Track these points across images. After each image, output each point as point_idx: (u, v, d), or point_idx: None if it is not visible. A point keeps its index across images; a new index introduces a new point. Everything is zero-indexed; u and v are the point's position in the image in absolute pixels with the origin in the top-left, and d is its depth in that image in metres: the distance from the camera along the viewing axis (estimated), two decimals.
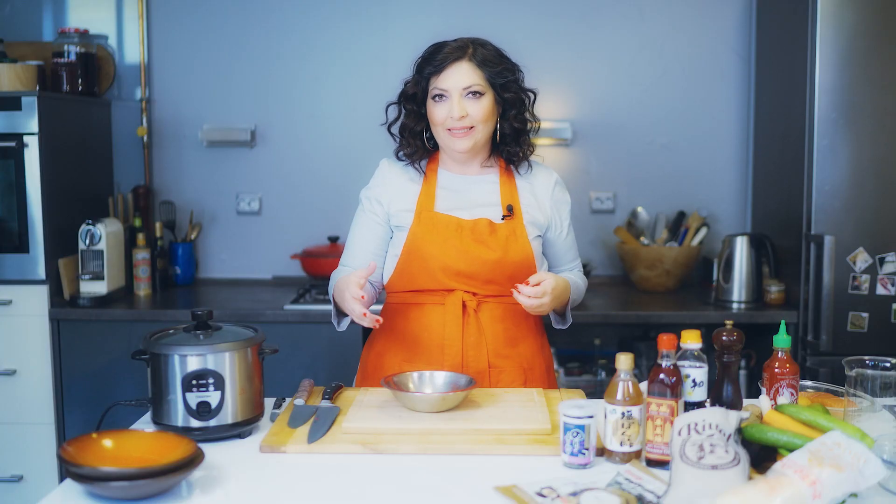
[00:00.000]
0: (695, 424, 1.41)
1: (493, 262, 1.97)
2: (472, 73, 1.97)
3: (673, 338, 1.54)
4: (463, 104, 1.97)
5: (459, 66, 1.97)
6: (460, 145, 2.00)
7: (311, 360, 3.04)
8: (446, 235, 1.99)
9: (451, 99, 1.97)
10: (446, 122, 1.98)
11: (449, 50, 1.99)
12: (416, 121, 2.06)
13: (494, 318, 2.01)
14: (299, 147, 3.63)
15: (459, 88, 1.97)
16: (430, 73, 2.00)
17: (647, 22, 3.56)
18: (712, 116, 3.60)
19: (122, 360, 3.03)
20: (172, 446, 1.47)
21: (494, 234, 1.99)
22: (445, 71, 1.98)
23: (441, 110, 1.99)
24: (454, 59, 1.97)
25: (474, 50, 1.99)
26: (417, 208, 2.03)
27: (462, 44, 2.00)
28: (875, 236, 2.88)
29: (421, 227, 2.00)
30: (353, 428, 1.66)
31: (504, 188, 2.06)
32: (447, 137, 2.00)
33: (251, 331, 1.74)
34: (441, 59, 1.98)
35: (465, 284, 1.99)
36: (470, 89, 1.97)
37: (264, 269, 3.68)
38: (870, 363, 1.70)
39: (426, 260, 1.98)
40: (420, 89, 2.03)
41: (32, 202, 3.04)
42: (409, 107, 2.07)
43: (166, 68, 3.61)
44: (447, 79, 1.97)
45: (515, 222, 2.02)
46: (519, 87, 2.04)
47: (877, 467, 1.33)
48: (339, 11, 3.58)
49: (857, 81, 2.86)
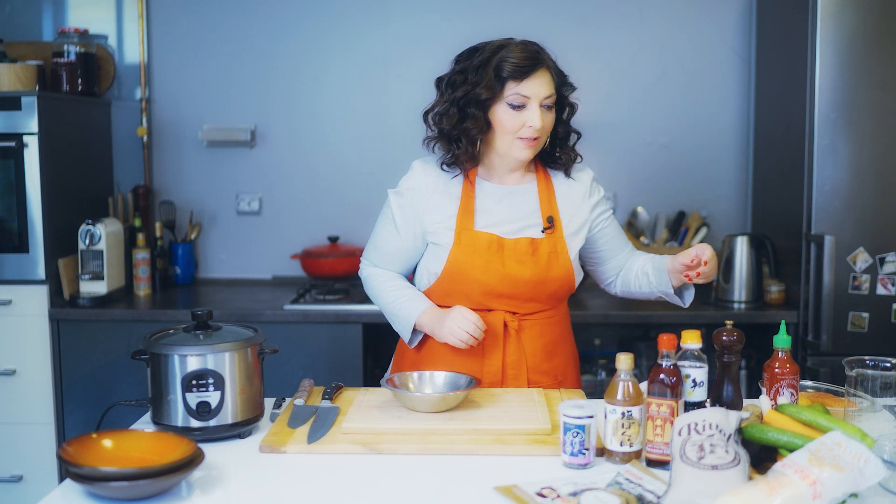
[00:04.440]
0: (695, 424, 1.41)
1: (534, 283, 1.93)
2: (551, 83, 1.90)
3: (673, 338, 1.54)
4: (542, 115, 1.89)
5: (543, 74, 1.89)
6: (527, 155, 1.93)
7: (311, 360, 3.04)
8: (488, 257, 1.92)
9: (530, 107, 1.87)
10: (521, 130, 1.89)
11: (530, 55, 1.87)
12: (481, 129, 1.91)
13: (534, 336, 1.98)
14: (299, 147, 3.63)
15: (541, 97, 1.88)
16: (510, 77, 1.87)
17: (647, 22, 3.56)
18: (712, 116, 3.60)
19: (121, 360, 3.03)
20: (172, 446, 1.47)
21: (536, 254, 1.93)
22: (531, 77, 1.87)
23: (517, 118, 1.88)
24: (540, 65, 1.88)
25: (548, 59, 1.92)
26: (457, 227, 1.94)
27: (537, 49, 1.91)
28: (875, 236, 2.88)
29: (461, 249, 1.93)
30: (353, 428, 1.66)
31: (543, 197, 1.99)
32: (515, 146, 1.91)
33: (251, 331, 1.74)
34: (526, 63, 1.86)
35: (505, 305, 1.96)
36: (549, 99, 1.90)
37: (264, 269, 3.68)
38: (870, 363, 1.70)
39: (467, 283, 1.94)
40: (494, 93, 1.88)
41: (32, 202, 3.04)
42: (474, 112, 1.90)
43: (166, 68, 3.61)
44: (531, 86, 1.87)
45: (556, 237, 1.96)
46: (573, 99, 2.01)
47: (877, 467, 1.33)
48: (339, 11, 3.58)
49: (857, 81, 2.86)
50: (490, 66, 1.87)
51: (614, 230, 2.09)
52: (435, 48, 3.58)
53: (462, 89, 1.90)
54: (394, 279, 2.06)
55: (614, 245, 2.09)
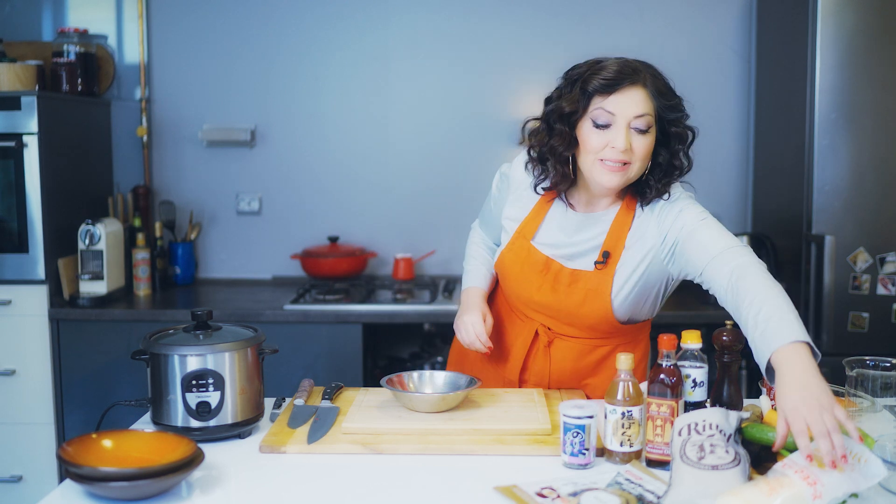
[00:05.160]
0: (695, 425, 1.41)
1: (567, 312, 1.86)
2: (645, 102, 1.73)
3: (673, 338, 1.54)
4: (628, 136, 1.72)
5: (634, 91, 1.73)
6: (611, 181, 1.74)
7: (311, 360, 3.04)
8: (531, 274, 1.88)
9: (616, 126, 1.72)
10: (604, 151, 1.73)
11: (623, 69, 1.73)
12: (567, 145, 1.78)
13: (566, 357, 1.93)
14: (299, 147, 3.63)
15: (630, 116, 1.71)
16: (595, 91, 1.73)
17: (646, 22, 3.56)
18: (712, 116, 3.60)
19: (121, 360, 3.03)
20: (172, 446, 1.47)
21: (573, 286, 1.83)
22: (618, 93, 1.72)
23: (601, 137, 1.73)
24: (630, 81, 1.72)
25: (648, 76, 1.75)
26: (516, 233, 1.91)
27: (636, 67, 1.75)
28: (875, 236, 2.88)
29: (511, 255, 1.91)
30: (353, 428, 1.66)
31: (614, 229, 1.83)
32: (597, 169, 1.75)
33: (251, 331, 1.74)
34: (615, 78, 1.72)
35: (542, 319, 1.93)
36: (640, 119, 1.71)
37: (264, 268, 3.68)
38: (870, 363, 1.70)
39: (508, 285, 1.95)
40: (580, 107, 1.75)
41: (32, 202, 3.04)
42: (560, 127, 1.78)
43: (166, 68, 3.61)
44: (618, 102, 1.71)
45: (605, 274, 1.81)
46: (686, 125, 1.80)
47: (877, 467, 1.33)
48: (339, 11, 3.58)
49: (857, 81, 2.86)
50: (580, 80, 1.77)
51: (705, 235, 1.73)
52: (435, 48, 3.58)
53: (552, 105, 1.81)
54: (478, 246, 2.11)
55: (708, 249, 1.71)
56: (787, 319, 1.47)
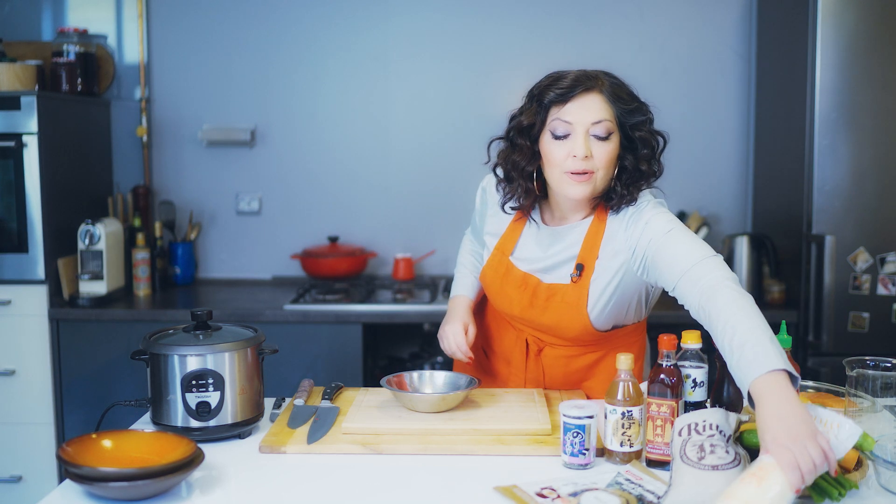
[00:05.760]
0: (695, 425, 1.41)
1: (547, 325, 1.87)
2: (602, 108, 1.72)
3: (673, 338, 1.54)
4: (588, 143, 1.72)
5: (590, 97, 1.73)
6: (578, 192, 1.74)
7: (311, 360, 3.04)
8: (510, 289, 1.89)
9: (575, 135, 1.71)
10: (566, 162, 1.72)
11: (577, 78, 1.74)
12: (529, 160, 1.79)
13: (557, 364, 1.94)
14: (299, 147, 3.63)
15: (587, 123, 1.71)
16: (552, 102, 1.74)
17: (647, 22, 3.56)
18: (712, 116, 3.60)
19: (121, 360, 3.03)
20: (172, 446, 1.47)
21: (552, 300, 1.83)
22: (573, 101, 1.72)
23: (562, 148, 1.72)
24: (584, 88, 1.72)
25: (605, 82, 1.75)
26: (497, 246, 1.93)
27: (591, 74, 1.75)
28: (875, 236, 2.88)
29: (491, 271, 1.93)
30: (353, 428, 1.66)
31: (588, 240, 1.82)
32: (562, 181, 1.74)
33: (251, 331, 1.74)
34: (568, 86, 1.72)
35: (529, 332, 1.94)
36: (599, 125, 1.71)
37: (264, 269, 3.68)
38: (870, 363, 1.70)
39: (491, 298, 1.97)
40: (538, 121, 1.76)
41: (32, 202, 3.04)
42: (521, 142, 1.79)
43: (166, 68, 3.61)
44: (574, 110, 1.72)
45: (579, 287, 1.80)
46: (650, 130, 1.79)
47: (851, 429, 1.34)
48: (339, 11, 3.58)
49: (857, 81, 2.86)
50: (534, 93, 1.79)
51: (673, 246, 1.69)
52: (435, 48, 3.58)
53: (513, 122, 1.82)
54: (468, 255, 2.14)
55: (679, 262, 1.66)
56: (762, 344, 1.42)
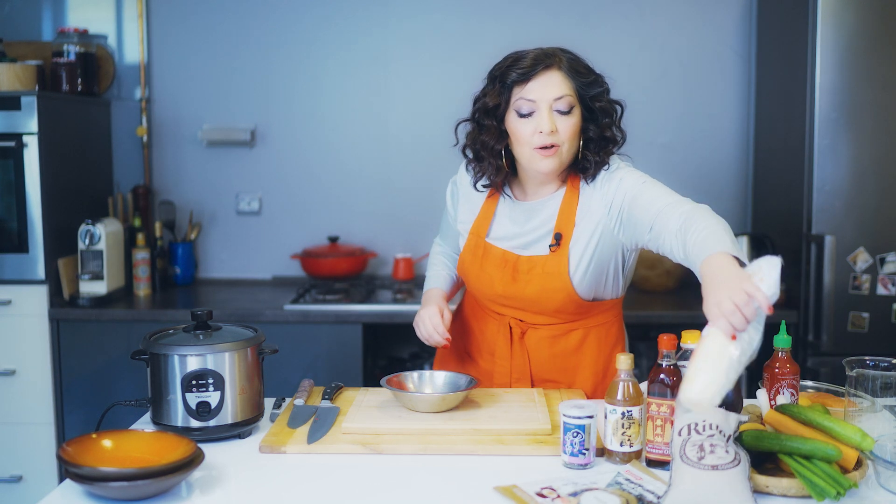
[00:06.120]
0: (695, 425, 1.41)
1: (531, 299, 1.89)
2: (563, 84, 1.80)
3: (673, 338, 1.54)
4: (552, 119, 1.79)
5: (550, 74, 1.80)
6: (547, 166, 1.81)
7: (311, 360, 3.04)
8: (490, 269, 1.92)
9: (539, 112, 1.79)
10: (533, 138, 1.80)
11: (536, 57, 1.81)
12: (497, 138, 1.85)
13: (542, 346, 1.95)
14: (299, 147, 3.63)
15: (550, 99, 1.79)
16: (514, 82, 1.81)
17: (647, 22, 3.56)
18: (712, 116, 3.60)
19: (121, 360, 3.03)
20: (172, 446, 1.47)
21: (532, 272, 1.87)
22: (534, 79, 1.79)
23: (528, 125, 1.80)
24: (544, 66, 1.79)
25: (562, 59, 1.82)
26: (471, 233, 1.97)
27: (548, 51, 1.82)
28: (875, 236, 2.88)
29: (469, 255, 1.96)
30: (353, 428, 1.66)
31: (563, 211, 1.87)
32: (532, 157, 1.82)
33: (251, 331, 1.74)
34: (529, 65, 1.79)
35: (511, 312, 1.95)
36: (561, 101, 1.79)
37: (264, 269, 3.68)
38: (870, 363, 1.70)
39: (471, 283, 1.98)
40: (503, 101, 1.83)
41: (32, 202, 3.04)
42: (488, 122, 1.86)
43: (166, 68, 3.61)
44: (536, 88, 1.79)
45: (559, 256, 1.85)
46: (608, 99, 1.87)
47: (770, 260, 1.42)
48: (339, 11, 3.58)
49: (857, 81, 2.86)
50: (499, 75, 1.85)
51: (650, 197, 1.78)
52: (434, 48, 3.58)
53: (478, 103, 1.88)
54: (437, 256, 2.16)
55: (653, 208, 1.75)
56: (719, 237, 1.54)
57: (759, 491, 1.39)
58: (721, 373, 1.39)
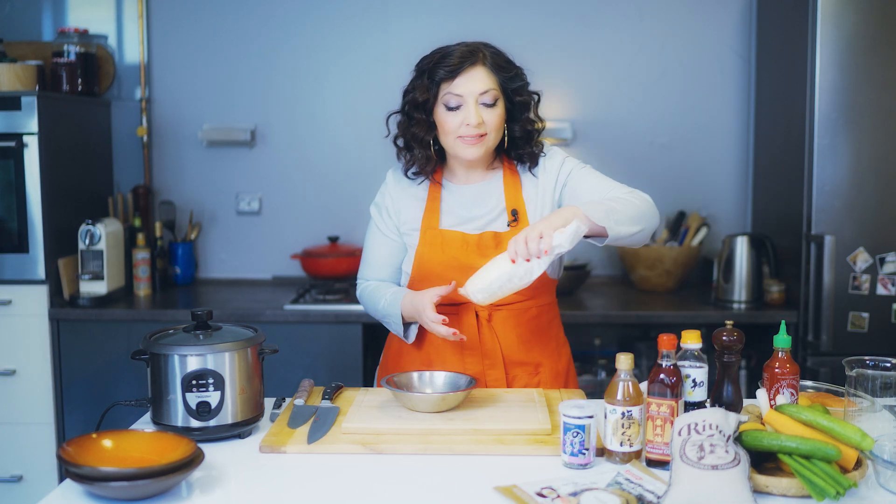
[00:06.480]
0: (695, 425, 1.41)
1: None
2: (487, 79, 1.91)
3: (673, 338, 1.54)
4: (478, 112, 1.90)
5: (475, 70, 1.91)
6: (472, 153, 1.93)
7: (311, 360, 3.04)
8: (452, 253, 1.97)
9: (466, 105, 1.90)
10: (460, 129, 1.91)
11: (462, 54, 1.91)
12: (427, 130, 1.96)
13: (508, 327, 1.99)
14: (299, 147, 3.63)
15: (476, 94, 1.90)
16: (442, 79, 1.91)
17: (646, 22, 3.56)
18: (712, 116, 3.60)
19: (121, 360, 3.03)
20: (172, 446, 1.47)
21: (499, 247, 1.94)
22: (461, 76, 1.90)
23: (455, 118, 1.91)
24: (469, 63, 1.90)
25: (486, 55, 1.93)
26: (422, 226, 2.01)
27: (473, 48, 1.93)
28: (875, 236, 2.88)
29: (427, 247, 1.99)
30: (353, 428, 1.66)
31: (508, 191, 2.01)
32: (458, 145, 1.94)
33: (251, 331, 1.74)
34: (456, 63, 1.90)
35: None
36: (486, 95, 1.90)
37: (264, 269, 3.68)
38: (870, 363, 1.70)
39: (435, 280, 1.97)
40: (431, 95, 1.94)
41: (32, 202, 3.04)
42: (418, 116, 1.96)
43: (166, 68, 3.61)
44: (463, 84, 1.90)
45: (521, 227, 1.96)
46: (528, 91, 1.99)
47: None
48: (340, 11, 3.58)
49: (857, 81, 2.86)
50: (428, 69, 1.94)
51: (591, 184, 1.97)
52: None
53: (408, 96, 1.99)
54: (383, 287, 2.09)
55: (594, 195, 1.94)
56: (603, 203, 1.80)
57: (759, 491, 1.39)
58: (492, 279, 1.73)
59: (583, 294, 3.37)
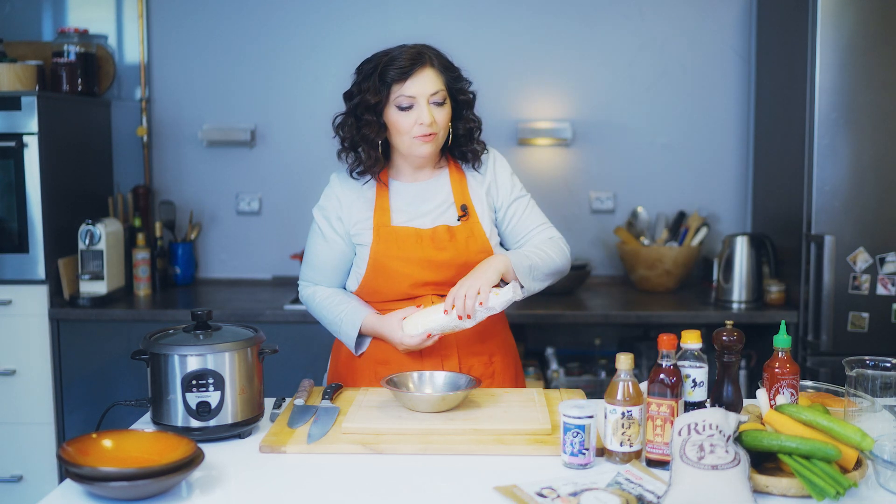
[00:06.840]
0: (695, 425, 1.41)
1: (456, 266, 2.00)
2: (436, 79, 1.98)
3: (673, 338, 1.54)
4: (430, 111, 1.97)
5: (425, 72, 1.97)
6: (425, 151, 2.00)
7: (311, 360, 3.04)
8: (407, 248, 2.01)
9: (418, 105, 1.96)
10: (413, 129, 1.97)
11: (411, 56, 1.97)
12: (377, 132, 2.01)
13: None
14: (299, 147, 3.63)
15: (427, 94, 1.97)
16: (393, 81, 1.97)
17: (647, 22, 3.56)
18: (712, 116, 3.60)
19: (122, 360, 3.03)
20: (172, 446, 1.47)
21: (454, 239, 2.01)
22: (412, 77, 1.96)
23: (408, 118, 1.97)
24: (419, 65, 1.97)
25: (432, 56, 2.00)
26: (375, 224, 2.04)
27: (418, 50, 2.00)
28: (875, 236, 2.88)
29: (382, 244, 2.02)
30: (353, 428, 1.66)
31: (455, 187, 2.08)
32: (412, 144, 1.99)
33: (251, 331, 1.74)
34: (407, 65, 1.96)
35: (431, 290, 2.02)
36: (436, 95, 1.97)
37: (264, 269, 3.68)
38: (870, 363, 1.70)
39: (391, 275, 2.01)
40: (382, 97, 1.99)
41: (32, 202, 3.04)
42: (368, 117, 2.01)
43: (166, 68, 3.61)
44: (414, 85, 1.96)
45: (472, 221, 2.04)
46: (468, 90, 2.07)
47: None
48: (339, 12, 3.58)
49: (857, 81, 2.86)
50: (376, 72, 1.99)
51: (521, 208, 2.11)
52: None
53: (356, 98, 2.02)
54: (333, 295, 2.11)
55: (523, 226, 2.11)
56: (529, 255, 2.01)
57: (759, 491, 1.39)
58: (427, 323, 1.91)
59: (583, 294, 3.37)
